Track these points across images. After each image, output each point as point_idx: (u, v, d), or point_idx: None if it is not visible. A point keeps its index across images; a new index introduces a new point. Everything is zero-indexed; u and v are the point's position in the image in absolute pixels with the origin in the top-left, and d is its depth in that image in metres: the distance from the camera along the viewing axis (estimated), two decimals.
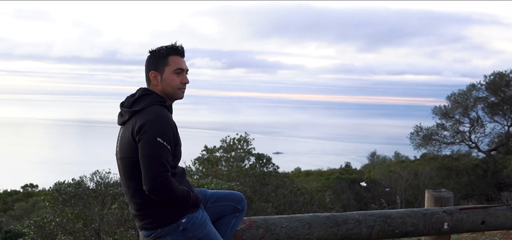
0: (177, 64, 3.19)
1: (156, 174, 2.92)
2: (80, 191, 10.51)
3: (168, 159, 2.98)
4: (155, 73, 3.18)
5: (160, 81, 3.17)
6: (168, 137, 2.99)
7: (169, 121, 3.05)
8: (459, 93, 23.98)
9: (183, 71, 3.22)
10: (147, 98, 3.15)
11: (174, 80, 3.17)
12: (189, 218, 3.11)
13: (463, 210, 4.29)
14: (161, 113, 3.05)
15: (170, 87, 3.18)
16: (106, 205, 10.58)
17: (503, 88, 23.00)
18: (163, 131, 2.98)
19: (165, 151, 2.96)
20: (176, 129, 3.09)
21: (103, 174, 11.06)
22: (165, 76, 3.16)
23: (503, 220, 4.40)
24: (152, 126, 2.98)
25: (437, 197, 4.45)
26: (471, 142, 24.38)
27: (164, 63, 3.17)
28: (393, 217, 4.08)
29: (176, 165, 3.14)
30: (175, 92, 3.21)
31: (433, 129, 24.54)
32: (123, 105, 3.22)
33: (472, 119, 24.11)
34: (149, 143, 2.95)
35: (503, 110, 23.39)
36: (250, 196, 11.87)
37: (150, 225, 3.11)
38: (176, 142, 3.08)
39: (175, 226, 3.09)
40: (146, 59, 3.25)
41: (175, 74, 3.17)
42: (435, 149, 24.75)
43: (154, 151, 2.94)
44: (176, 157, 3.12)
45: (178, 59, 3.20)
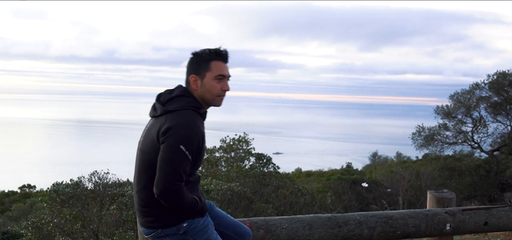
0: (219, 70, 3.09)
1: (170, 182, 2.88)
2: (78, 191, 10.46)
3: (186, 169, 2.92)
4: (195, 78, 3.09)
5: (199, 85, 3.09)
6: (192, 147, 2.92)
7: (197, 130, 2.97)
8: (462, 92, 23.90)
9: (225, 78, 3.12)
10: (183, 100, 3.07)
11: (214, 86, 3.08)
12: (190, 223, 3.06)
13: (466, 211, 4.26)
14: (191, 120, 2.97)
15: (209, 94, 3.09)
16: (104, 206, 10.52)
17: (506, 88, 22.91)
18: (188, 140, 2.91)
19: (185, 160, 2.90)
20: (202, 139, 3.02)
21: (102, 174, 11.01)
22: (206, 81, 3.07)
23: (506, 221, 4.37)
24: (179, 132, 2.91)
25: (439, 198, 4.42)
26: (474, 142, 24.28)
27: (206, 68, 3.08)
28: (395, 218, 4.06)
29: (193, 173, 3.09)
30: (214, 99, 3.12)
31: (435, 129, 24.44)
32: (159, 98, 3.13)
33: (474, 119, 24.02)
34: (171, 149, 2.89)
35: (506, 110, 23.30)
36: (250, 196, 11.79)
37: (151, 223, 3.07)
38: (199, 151, 3.01)
39: (175, 229, 3.06)
40: (188, 60, 3.15)
41: (216, 80, 3.08)
42: (437, 149, 24.66)
43: (174, 159, 2.89)
44: (195, 166, 3.07)
45: (220, 64, 3.11)
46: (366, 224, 3.97)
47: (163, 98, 3.11)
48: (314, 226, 3.84)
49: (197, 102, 3.08)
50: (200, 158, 3.06)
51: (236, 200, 11.29)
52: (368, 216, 4.03)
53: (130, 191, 10.51)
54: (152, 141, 2.99)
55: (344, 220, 3.94)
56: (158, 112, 3.07)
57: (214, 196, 11.09)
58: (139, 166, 3.09)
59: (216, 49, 3.10)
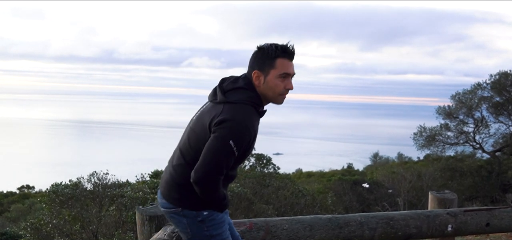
0: (285, 68, 3.00)
1: (210, 172, 2.86)
2: (77, 192, 10.40)
3: (229, 164, 2.91)
4: (258, 73, 3.01)
5: (262, 82, 3.01)
6: (241, 144, 2.88)
7: (250, 128, 2.91)
8: (464, 93, 23.83)
9: (289, 76, 3.04)
10: (245, 93, 3.00)
11: (278, 85, 3.01)
12: (210, 213, 3.06)
13: (467, 212, 4.26)
14: (247, 117, 2.91)
15: (272, 92, 3.02)
16: (104, 207, 10.47)
17: (508, 88, 22.82)
18: (239, 137, 2.86)
19: (231, 156, 2.87)
20: (253, 137, 2.96)
21: (101, 175, 10.94)
22: (269, 79, 3.00)
23: (508, 222, 4.38)
24: (232, 126, 2.86)
25: (441, 199, 4.43)
26: (476, 142, 24.21)
27: (271, 65, 2.99)
28: (396, 219, 4.05)
29: (235, 167, 3.08)
30: (276, 98, 3.06)
31: (436, 130, 24.38)
32: (222, 83, 3.07)
33: (476, 120, 23.94)
34: (221, 141, 2.85)
35: (508, 110, 23.22)
36: (250, 197, 11.74)
37: (175, 200, 3.07)
38: (247, 149, 2.98)
39: (195, 214, 3.05)
40: (252, 53, 3.08)
41: (280, 78, 3.00)
42: (439, 150, 24.58)
43: (220, 152, 2.85)
44: (239, 163, 3.07)
45: (286, 62, 3.01)
46: (367, 225, 3.96)
47: (226, 85, 3.05)
48: (315, 227, 3.84)
49: (258, 98, 3.02)
50: (246, 155, 3.04)
51: (236, 201, 11.24)
52: (369, 217, 4.03)
53: (130, 192, 10.46)
54: (204, 126, 2.96)
55: (345, 221, 3.94)
56: (217, 99, 3.02)
57: None
58: (185, 143, 3.07)
59: (283, 45, 3.01)
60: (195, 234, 3.09)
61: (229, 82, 3.06)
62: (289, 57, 3.02)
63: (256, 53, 3.04)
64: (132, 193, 10.37)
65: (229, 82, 3.06)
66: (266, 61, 2.99)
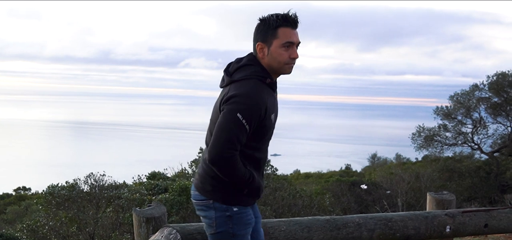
0: (287, 37, 2.97)
1: (222, 149, 2.84)
2: (74, 194, 10.36)
3: (241, 138, 2.86)
4: (262, 45, 3.01)
5: (266, 54, 3.00)
6: (250, 116, 2.85)
7: (259, 100, 2.89)
8: (462, 93, 23.86)
9: (293, 45, 3.00)
10: (249, 69, 3.00)
11: (281, 54, 2.98)
12: (240, 210, 3.05)
13: (466, 213, 4.24)
14: (253, 90, 2.90)
15: (277, 62, 2.99)
16: (100, 209, 10.43)
17: (506, 89, 22.86)
18: (247, 109, 2.85)
19: (241, 129, 2.85)
20: (265, 111, 2.92)
21: (98, 176, 10.90)
22: (273, 49, 2.98)
23: (506, 223, 4.38)
24: (239, 100, 2.86)
25: (439, 200, 4.41)
26: (474, 143, 24.23)
27: (273, 35, 2.97)
28: (394, 220, 4.03)
29: (256, 147, 3.03)
30: (282, 67, 3.02)
31: (435, 130, 24.40)
32: (228, 68, 3.08)
33: (474, 120, 23.97)
34: (228, 116, 2.86)
35: (506, 111, 23.26)
36: None
37: (207, 192, 3.06)
38: (262, 123, 2.94)
39: (225, 207, 3.03)
40: (255, 27, 3.06)
41: (283, 48, 2.97)
42: (437, 150, 24.61)
43: (229, 126, 2.84)
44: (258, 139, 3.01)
45: (288, 31, 2.98)
46: (365, 226, 3.94)
47: (231, 68, 3.06)
48: (313, 228, 3.81)
49: (263, 71, 3.00)
50: (264, 131, 2.99)
51: None
52: (367, 218, 4.01)
53: (126, 193, 10.42)
54: (216, 111, 2.99)
55: (343, 223, 3.91)
56: (224, 82, 3.04)
57: None
58: (208, 135, 3.08)
59: (285, 14, 2.98)
60: (219, 229, 3.06)
61: (233, 64, 3.07)
62: (291, 25, 2.99)
63: (258, 25, 3.04)
64: (129, 195, 10.34)
65: (233, 64, 3.07)
66: (268, 32, 2.98)
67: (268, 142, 3.15)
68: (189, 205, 10.24)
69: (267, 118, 2.95)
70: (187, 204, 10.23)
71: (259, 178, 3.10)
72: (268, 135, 3.06)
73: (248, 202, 3.10)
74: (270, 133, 3.07)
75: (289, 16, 2.98)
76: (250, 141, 2.96)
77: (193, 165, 15.53)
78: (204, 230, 3.52)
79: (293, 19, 2.99)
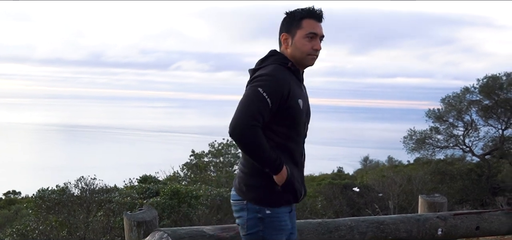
0: (311, 27, 3.02)
1: (244, 119, 2.80)
2: (64, 198, 10.30)
3: (262, 111, 2.83)
4: (286, 36, 3.07)
5: (290, 44, 3.05)
6: (273, 93, 2.85)
7: (281, 80, 2.90)
8: (453, 96, 23.95)
9: (317, 36, 3.04)
10: (270, 59, 3.06)
11: (304, 44, 3.02)
12: (273, 213, 2.97)
13: (457, 216, 4.26)
14: (276, 71, 2.93)
15: (299, 52, 3.03)
16: (91, 213, 10.38)
17: (497, 91, 22.96)
18: (268, 85, 2.86)
19: (263, 103, 2.83)
20: (288, 89, 2.90)
21: (89, 180, 10.85)
22: (296, 39, 3.03)
23: (497, 226, 4.39)
24: (260, 78, 2.90)
25: (431, 203, 4.44)
26: (465, 146, 24.31)
27: (297, 26, 3.03)
28: (386, 223, 4.04)
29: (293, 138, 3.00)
30: (305, 58, 3.05)
31: (426, 133, 24.47)
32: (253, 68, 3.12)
33: (466, 123, 24.05)
34: (249, 91, 2.88)
35: (497, 114, 23.34)
36: None
37: (241, 193, 3.03)
38: (287, 105, 2.91)
39: (258, 209, 2.97)
40: (281, 21, 3.13)
41: (306, 38, 3.02)
42: (429, 153, 24.67)
43: (250, 98, 2.85)
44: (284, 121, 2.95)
45: (312, 22, 3.04)
46: (357, 229, 3.93)
47: (256, 66, 3.09)
48: (305, 231, 3.79)
49: (284, 58, 3.05)
50: (292, 115, 2.94)
51: (225, 205, 11.18)
52: (359, 221, 4.01)
53: (117, 197, 10.37)
54: None
55: (335, 226, 3.90)
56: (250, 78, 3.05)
57: (204, 202, 10.98)
58: None
59: (310, 7, 3.05)
60: (250, 231, 3.01)
61: (257, 63, 3.11)
62: (315, 18, 3.05)
63: (284, 18, 3.10)
64: (120, 198, 10.30)
65: (257, 63, 3.11)
66: (293, 23, 3.04)
67: (302, 134, 3.09)
68: (180, 208, 10.20)
69: (292, 99, 2.92)
70: (179, 208, 10.20)
71: (297, 176, 3.05)
72: (298, 122, 3.00)
73: (282, 202, 3.01)
74: (301, 121, 3.01)
75: (313, 9, 3.04)
76: (279, 126, 2.94)
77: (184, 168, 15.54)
78: (195, 233, 3.50)
79: (318, 12, 3.04)
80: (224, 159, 15.88)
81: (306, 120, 3.10)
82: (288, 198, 3.03)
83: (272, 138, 2.92)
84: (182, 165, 15.58)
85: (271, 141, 2.90)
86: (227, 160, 15.86)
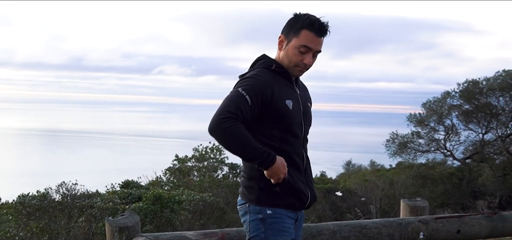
0: (307, 41, 2.90)
1: (220, 114, 2.73)
2: (45, 203, 10.20)
3: (242, 108, 2.75)
4: (282, 38, 2.98)
5: (283, 48, 2.97)
6: (252, 92, 2.78)
7: (262, 81, 2.84)
8: (434, 100, 24.17)
9: (310, 51, 2.92)
10: (258, 63, 3.01)
11: (295, 55, 2.92)
12: (273, 213, 2.90)
13: (439, 219, 4.26)
14: (258, 73, 2.89)
15: (288, 60, 2.95)
16: (72, 218, 10.28)
17: (477, 96, 23.21)
18: (249, 85, 2.81)
19: (241, 99, 2.76)
20: (271, 91, 2.83)
21: (70, 185, 10.75)
22: (289, 47, 2.93)
23: (478, 229, 4.39)
24: (241, 81, 2.87)
25: (413, 207, 4.44)
26: (446, 150, 24.55)
27: (295, 33, 2.92)
28: (369, 227, 4.02)
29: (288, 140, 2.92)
30: (291, 68, 2.97)
31: (408, 137, 24.66)
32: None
33: (446, 127, 24.29)
34: (231, 92, 2.84)
35: (477, 118, 23.60)
36: (223, 207, 11.65)
37: (243, 196, 2.98)
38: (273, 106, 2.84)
39: (259, 209, 2.90)
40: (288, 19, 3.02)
41: (299, 50, 2.91)
42: (411, 157, 24.87)
43: (228, 98, 2.80)
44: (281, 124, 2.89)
45: (311, 36, 2.90)
46: (339, 234, 3.90)
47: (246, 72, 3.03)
48: None
49: (271, 61, 2.99)
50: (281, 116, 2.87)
51: (208, 210, 11.15)
52: (342, 225, 3.98)
53: (99, 202, 10.29)
54: None
55: (317, 230, 3.86)
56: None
57: (186, 207, 10.93)
58: None
59: (314, 18, 2.93)
60: (252, 234, 2.93)
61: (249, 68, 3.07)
62: (316, 32, 2.91)
63: (289, 19, 2.99)
64: (102, 204, 10.22)
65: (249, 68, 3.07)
66: (292, 29, 2.94)
67: (299, 136, 3.01)
68: (163, 214, 10.15)
69: (278, 101, 2.85)
70: (161, 213, 10.14)
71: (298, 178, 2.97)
72: (290, 123, 2.91)
73: (283, 203, 2.92)
74: (293, 122, 2.93)
75: (317, 21, 2.92)
76: (270, 129, 2.87)
77: (167, 173, 15.46)
78: (177, 239, 3.48)
79: (321, 26, 2.92)
80: (208, 163, 15.84)
81: (304, 121, 3.03)
82: (290, 201, 2.95)
83: (266, 142, 2.84)
84: (164, 170, 15.52)
85: (266, 145, 2.82)
86: (211, 164, 15.82)
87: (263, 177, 2.87)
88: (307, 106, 3.10)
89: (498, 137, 23.51)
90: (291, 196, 2.94)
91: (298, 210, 3.06)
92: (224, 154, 16.05)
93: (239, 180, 3.02)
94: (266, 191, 2.89)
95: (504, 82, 22.63)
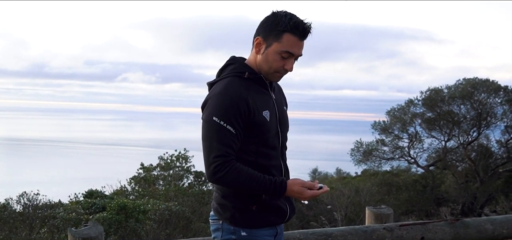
0: (290, 46, 2.63)
1: (210, 161, 2.55)
2: (5, 214, 9.95)
3: (227, 141, 2.54)
4: (260, 41, 2.68)
5: (261, 52, 2.68)
6: (228, 117, 2.54)
7: (234, 96, 2.58)
8: (398, 108, 24.50)
9: (293, 57, 2.67)
10: (227, 69, 2.75)
11: (276, 61, 2.66)
12: (250, 235, 2.69)
13: (403, 227, 4.26)
14: (227, 88, 2.62)
15: (267, 66, 2.68)
16: (34, 229, 10.05)
17: (439, 104, 23.63)
18: (222, 109, 2.55)
19: (223, 132, 2.53)
20: (246, 105, 2.60)
21: (31, 195, 10.55)
22: (269, 51, 2.66)
23: (441, 236, 4.42)
24: (212, 102, 2.60)
25: (378, 214, 4.45)
26: (410, 157, 24.88)
27: (276, 37, 2.63)
28: (335, 235, 4.01)
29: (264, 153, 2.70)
30: (271, 74, 2.71)
31: (373, 145, 24.91)
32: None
33: (410, 135, 24.63)
34: (205, 122, 2.59)
35: (440, 126, 24.01)
36: (189, 216, 11.56)
37: (216, 212, 2.77)
38: (251, 121, 2.62)
39: (232, 229, 2.70)
40: (264, 17, 2.72)
41: (281, 55, 2.65)
42: (376, 164, 25.11)
43: (209, 134, 2.57)
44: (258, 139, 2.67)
45: (294, 40, 2.64)
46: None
47: (216, 77, 2.80)
48: None
49: (242, 67, 2.73)
50: (259, 131, 2.65)
51: (174, 220, 11.04)
52: (308, 233, 3.95)
53: (62, 213, 10.09)
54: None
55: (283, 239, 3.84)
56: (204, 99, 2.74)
57: (152, 216, 10.81)
58: None
59: (297, 20, 2.63)
60: None
61: (217, 73, 2.83)
62: (299, 36, 2.65)
63: (267, 18, 2.69)
64: (64, 214, 10.02)
65: (217, 73, 2.83)
66: (273, 31, 2.64)
67: (277, 147, 2.80)
68: (127, 224, 10.01)
69: (254, 115, 2.63)
70: (126, 223, 10.00)
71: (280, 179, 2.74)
72: (267, 136, 2.71)
73: (260, 222, 2.72)
74: (270, 134, 2.72)
75: (301, 24, 2.64)
76: (247, 144, 2.65)
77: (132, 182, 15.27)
78: None
79: (305, 30, 2.66)
80: (173, 172, 15.71)
81: (281, 130, 2.83)
82: (269, 219, 2.75)
83: (240, 156, 2.63)
84: (129, 179, 15.32)
85: (240, 160, 2.62)
86: (176, 173, 15.69)
87: (237, 195, 2.69)
88: (282, 111, 2.91)
89: (460, 144, 23.98)
90: (269, 214, 2.74)
91: (278, 226, 2.85)
92: (190, 163, 15.95)
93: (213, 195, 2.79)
94: (241, 210, 2.69)
95: (465, 90, 23.13)
